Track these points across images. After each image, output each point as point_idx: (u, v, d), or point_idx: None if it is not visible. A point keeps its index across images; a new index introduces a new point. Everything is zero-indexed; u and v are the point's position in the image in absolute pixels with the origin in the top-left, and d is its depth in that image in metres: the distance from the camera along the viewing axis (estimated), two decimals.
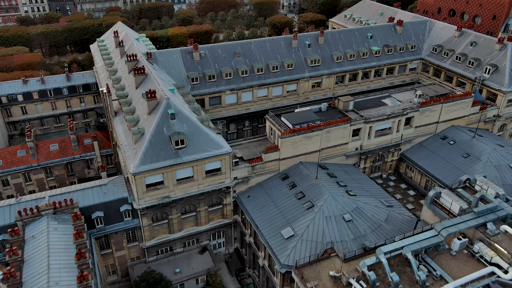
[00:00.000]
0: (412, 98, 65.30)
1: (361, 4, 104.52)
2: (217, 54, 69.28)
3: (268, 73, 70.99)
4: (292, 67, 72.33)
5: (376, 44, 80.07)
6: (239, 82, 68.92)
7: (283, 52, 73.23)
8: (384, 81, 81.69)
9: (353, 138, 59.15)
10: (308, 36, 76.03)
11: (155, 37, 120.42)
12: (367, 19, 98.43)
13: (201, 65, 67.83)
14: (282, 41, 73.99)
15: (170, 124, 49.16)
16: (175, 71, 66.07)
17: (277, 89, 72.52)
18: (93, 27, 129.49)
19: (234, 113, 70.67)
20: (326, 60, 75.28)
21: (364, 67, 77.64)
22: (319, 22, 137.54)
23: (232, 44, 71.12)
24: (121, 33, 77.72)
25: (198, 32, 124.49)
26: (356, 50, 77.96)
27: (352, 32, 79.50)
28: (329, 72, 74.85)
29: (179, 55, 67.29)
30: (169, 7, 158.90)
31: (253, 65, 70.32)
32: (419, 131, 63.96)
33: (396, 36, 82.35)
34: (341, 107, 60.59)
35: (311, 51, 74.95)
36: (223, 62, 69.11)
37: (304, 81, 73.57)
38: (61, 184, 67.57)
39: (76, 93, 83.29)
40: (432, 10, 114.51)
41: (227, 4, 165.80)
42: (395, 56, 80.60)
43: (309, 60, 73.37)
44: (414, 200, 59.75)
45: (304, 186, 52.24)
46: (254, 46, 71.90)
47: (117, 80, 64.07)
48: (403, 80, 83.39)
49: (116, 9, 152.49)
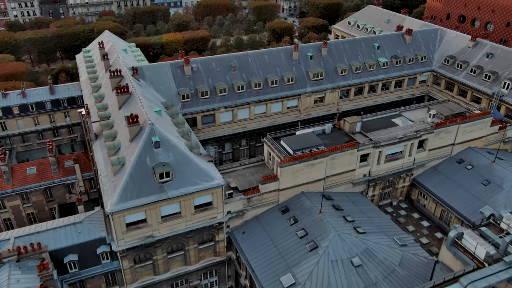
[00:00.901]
0: (425, 117, 59.28)
1: (366, 10, 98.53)
2: (210, 68, 63.29)
3: (266, 88, 65.02)
4: (292, 81, 66.35)
5: (383, 55, 74.06)
6: (234, 99, 62.94)
7: (283, 65, 67.25)
8: (392, 95, 75.69)
9: (361, 164, 53.15)
10: (310, 47, 70.04)
11: (148, 44, 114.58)
12: (373, 26, 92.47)
13: (193, 80, 61.86)
14: (282, 53, 68.01)
15: (154, 154, 43.15)
16: (164, 87, 60.10)
17: (276, 106, 66.53)
18: (84, 33, 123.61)
19: (229, 132, 64.69)
20: (330, 73, 69.29)
21: (370, 80, 71.64)
22: (320, 27, 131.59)
23: (227, 57, 65.12)
24: (107, 43, 71.74)
25: (193, 39, 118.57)
26: (362, 62, 71.95)
27: (358, 42, 73.49)
28: (333, 86, 68.86)
29: (169, 69, 61.32)
30: (164, 11, 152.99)
31: (250, 79, 64.35)
32: (433, 154, 57.94)
33: (405, 46, 76.35)
34: (347, 129, 54.59)
35: (313, 63, 68.96)
36: (217, 77, 63.14)
37: (306, 97, 67.59)
38: (39, 211, 61.68)
39: (60, 107, 77.47)
40: (440, 16, 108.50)
41: (225, 7, 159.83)
42: (404, 68, 74.60)
43: (311, 74, 67.38)
44: (429, 232, 53.72)
45: (306, 221, 46.23)
46: (251, 58, 65.92)
47: (99, 97, 58.14)
48: (413, 93, 77.39)
49: (109, 13, 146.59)
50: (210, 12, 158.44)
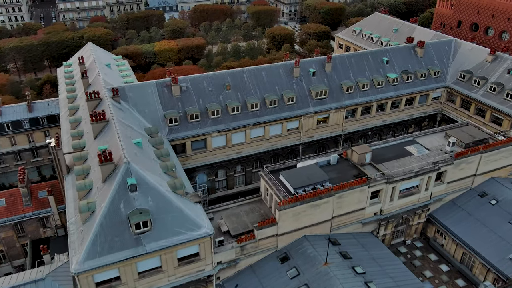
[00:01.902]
0: (442, 144, 52.64)
1: (372, 18, 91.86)
2: (201, 87, 56.65)
3: (264, 109, 58.37)
4: (293, 101, 59.72)
5: (393, 70, 67.39)
6: (228, 121, 56.30)
7: (283, 82, 60.60)
8: (403, 114, 69.01)
9: (372, 201, 46.50)
10: (312, 63, 63.36)
11: (140, 53, 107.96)
12: (379, 36, 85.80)
13: (182, 102, 55.22)
14: (281, 69, 61.35)
15: (129, 199, 36.49)
16: (149, 109, 53.46)
17: (275, 128, 59.89)
18: (72, 40, 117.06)
19: (222, 158, 58.06)
20: (334, 91, 62.65)
21: (379, 98, 64.98)
22: (322, 34, 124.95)
23: (220, 75, 58.44)
24: (89, 58, 65.09)
25: (188, 47, 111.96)
26: (370, 78, 65.31)
27: (365, 56, 66.80)
28: (337, 106, 62.22)
29: (154, 89, 54.68)
30: (159, 16, 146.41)
31: (246, 99, 57.71)
32: (451, 186, 51.30)
33: (417, 60, 69.68)
34: (356, 160, 47.91)
35: (316, 80, 62.30)
36: (209, 97, 56.50)
37: (308, 117, 60.94)
38: (9, 248, 55.11)
39: (39, 126, 70.98)
40: (450, 23, 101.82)
41: (222, 12, 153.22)
42: (415, 84, 67.93)
43: (314, 92, 60.73)
44: (449, 279, 47.07)
45: (310, 274, 39.61)
46: (247, 76, 59.27)
47: (75, 122, 51.54)
48: (424, 111, 70.71)
49: (101, 18, 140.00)
50: (207, 17, 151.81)
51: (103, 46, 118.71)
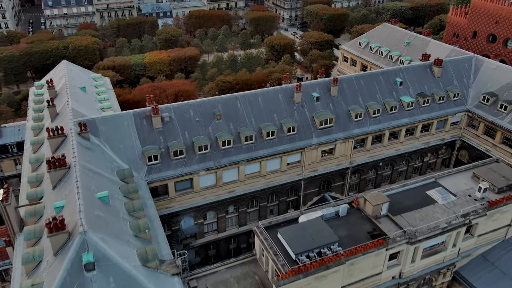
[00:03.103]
0: (470, 187, 44.54)
1: (381, 29, 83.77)
2: (187, 117, 48.60)
3: (260, 141, 50.35)
4: (294, 131, 51.71)
5: (407, 93, 59.36)
6: (218, 158, 48.28)
7: (282, 109, 52.57)
8: (418, 141, 60.96)
9: (390, 264, 38.44)
10: (316, 86, 55.32)
11: (128, 65, 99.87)
12: (389, 49, 77.68)
13: (164, 135, 47.17)
14: (280, 94, 53.32)
15: (85, 281, 28.40)
16: (125, 145, 45.40)
17: (273, 162, 51.90)
18: (57, 51, 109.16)
19: (212, 199, 50.04)
20: (341, 118, 54.64)
21: (392, 126, 56.95)
22: (325, 43, 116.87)
23: (209, 102, 50.36)
24: (61, 80, 57.06)
25: (180, 58, 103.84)
26: (382, 103, 57.29)
27: (376, 77, 58.77)
28: (345, 135, 54.21)
29: (131, 121, 46.64)
30: (152, 23, 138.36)
31: (239, 131, 49.68)
32: (483, 239, 43.28)
33: (434, 81, 61.64)
34: (370, 212, 39.85)
35: (321, 106, 54.29)
36: (196, 129, 48.46)
37: (311, 150, 52.92)
38: None
39: (8, 153, 63.21)
40: (465, 33, 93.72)
41: (219, 18, 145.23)
42: (433, 109, 59.90)
43: (318, 121, 52.73)
44: None
45: None
46: (241, 102, 51.25)
47: (37, 162, 43.50)
48: (442, 138, 62.65)
49: (90, 25, 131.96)
50: (202, 23, 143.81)
51: (91, 57, 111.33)
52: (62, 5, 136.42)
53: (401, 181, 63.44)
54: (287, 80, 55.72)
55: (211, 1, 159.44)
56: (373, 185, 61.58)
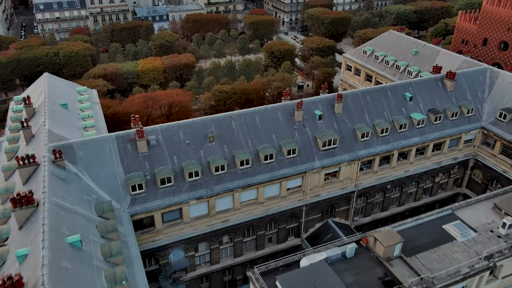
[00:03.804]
0: (491, 221, 39.80)
1: (386, 36, 79.00)
2: (176, 140, 43.90)
3: (258, 165, 45.65)
4: (295, 153, 47.03)
5: (417, 109, 54.67)
6: (211, 185, 43.60)
7: (281, 129, 47.86)
8: (429, 161, 56.30)
9: None
10: (318, 103, 50.60)
11: (120, 74, 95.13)
12: (395, 58, 72.97)
13: (150, 161, 42.45)
14: (280, 112, 48.62)
15: None
16: (106, 173, 40.69)
17: (271, 188, 47.23)
18: (47, 57, 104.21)
19: (204, 230, 45.35)
20: (346, 138, 49.95)
21: (401, 146, 52.29)
22: (327, 49, 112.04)
23: (201, 122, 45.61)
24: (40, 96, 52.35)
25: (175, 66, 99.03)
26: (390, 120, 52.62)
27: (383, 92, 54.07)
28: (351, 157, 49.52)
29: (114, 145, 41.93)
30: (147, 27, 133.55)
31: (234, 154, 44.98)
32: (507, 281, 38.52)
33: (446, 95, 56.97)
34: (381, 254, 35.13)
35: (324, 125, 49.59)
36: (187, 153, 43.76)
37: (314, 173, 48.22)
38: None
39: None
40: (474, 40, 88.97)
41: (217, 22, 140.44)
42: (445, 126, 55.22)
43: (321, 142, 48.04)
44: None
45: None
46: (236, 122, 46.54)
47: (6, 193, 38.72)
48: (455, 157, 57.98)
49: (83, 30, 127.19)
50: (200, 27, 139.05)
51: (82, 63, 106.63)
52: (54, 9, 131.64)
53: (409, 202, 58.95)
54: (287, 96, 50.95)
55: (209, 4, 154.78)
56: (380, 209, 56.94)
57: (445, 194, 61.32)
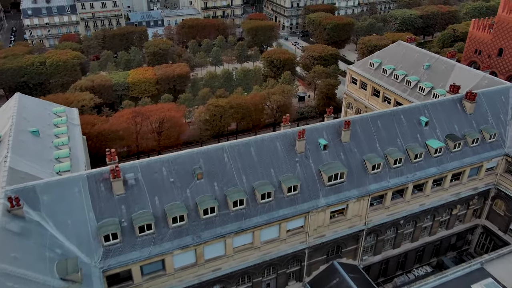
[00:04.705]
0: None
1: (395, 48, 72.83)
2: (158, 178, 37.79)
3: (253, 206, 39.57)
4: (296, 190, 40.97)
5: (434, 135, 48.56)
6: (198, 230, 37.52)
7: (281, 162, 41.76)
8: (446, 193, 50.23)
9: None
10: (322, 130, 44.48)
11: (109, 85, 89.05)
12: (405, 73, 66.89)
13: (127, 204, 36.36)
14: (279, 142, 42.50)
15: None
16: (74, 220, 34.60)
17: (270, 231, 41.15)
18: (32, 67, 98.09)
19: (191, 282, 39.25)
20: (355, 171, 43.86)
21: (417, 178, 46.18)
22: (329, 58, 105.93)
23: (187, 156, 39.47)
24: (8, 121, 46.24)
25: (168, 77, 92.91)
26: (404, 149, 46.52)
27: (396, 116, 47.94)
28: (360, 193, 43.42)
29: (84, 186, 35.81)
30: (141, 33, 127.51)
31: (226, 193, 38.89)
32: None
33: (465, 119, 50.87)
34: None
35: (329, 156, 43.49)
36: (170, 193, 37.66)
37: (318, 212, 42.12)
38: None
39: None
40: (488, 51, 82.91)
41: (214, 28, 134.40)
42: (465, 154, 49.11)
43: (326, 176, 41.94)
44: None
45: None
46: (228, 155, 40.44)
47: None
48: (475, 187, 51.95)
49: (73, 36, 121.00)
50: (196, 33, 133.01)
51: (70, 73, 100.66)
52: (43, 14, 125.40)
53: (424, 237, 52.80)
54: (287, 123, 44.83)
55: (206, 8, 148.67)
56: (391, 246, 50.88)
57: (463, 227, 55.30)
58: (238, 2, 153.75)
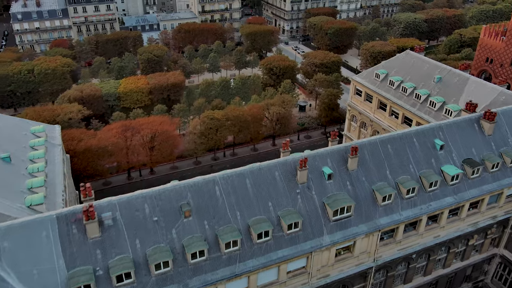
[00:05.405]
0: None
1: (403, 58, 68.05)
2: (140, 217, 33.05)
3: (249, 246, 34.86)
4: (297, 227, 36.27)
5: (450, 160, 43.83)
6: (185, 278, 32.79)
7: (280, 195, 37.04)
8: (463, 223, 45.52)
9: None
10: (326, 156, 39.74)
11: (99, 96, 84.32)
12: (414, 85, 62.22)
13: (103, 248, 31.62)
14: (278, 172, 37.77)
15: None
16: (41, 269, 29.88)
17: (267, 274, 36.41)
18: (19, 75, 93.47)
19: None
20: (363, 203, 39.15)
21: (432, 209, 41.44)
22: (332, 65, 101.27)
23: (173, 191, 34.69)
24: None
25: (162, 86, 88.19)
26: (417, 177, 41.82)
27: (408, 139, 43.20)
28: (369, 228, 38.71)
29: (53, 229, 31.06)
30: (136, 38, 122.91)
31: (217, 233, 34.15)
32: None
33: (484, 140, 46.15)
34: None
35: (334, 186, 38.77)
36: (154, 235, 32.93)
37: (322, 251, 37.39)
38: None
39: None
40: (500, 59, 78.18)
41: (211, 32, 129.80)
42: (484, 181, 44.40)
43: (331, 210, 37.21)
44: None
45: None
46: (221, 188, 35.71)
47: None
48: (494, 215, 47.25)
49: (64, 42, 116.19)
50: (193, 38, 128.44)
51: (60, 81, 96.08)
52: (33, 19, 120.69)
53: (437, 269, 48.18)
54: (287, 148, 40.11)
55: (203, 12, 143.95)
56: (402, 281, 46.16)
57: (480, 257, 50.61)
58: (236, 5, 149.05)
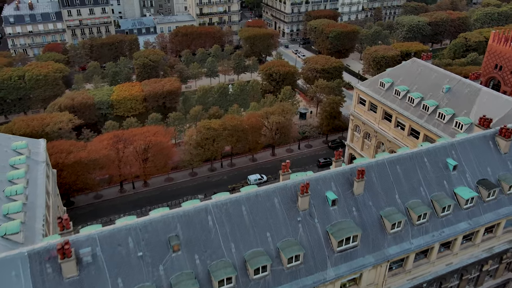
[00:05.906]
0: None
1: (409, 66, 64.67)
2: (123, 253, 29.64)
3: (245, 283, 31.50)
4: (298, 260, 32.84)
5: (463, 181, 40.43)
6: None
7: (279, 224, 33.65)
8: (478, 249, 42.11)
9: None
10: (331, 180, 36.32)
11: (91, 104, 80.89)
12: (421, 95, 58.96)
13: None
14: (277, 198, 34.35)
15: None
16: None
17: None
18: (10, 81, 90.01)
19: None
20: (370, 231, 35.75)
21: (444, 237, 38.04)
22: (333, 71, 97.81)
23: (160, 221, 31.26)
24: None
25: (157, 94, 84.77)
26: (428, 201, 38.42)
27: (418, 159, 39.81)
28: (376, 259, 35.30)
29: (24, 268, 27.67)
30: (132, 41, 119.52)
31: (210, 268, 30.75)
32: None
33: (499, 159, 42.75)
34: None
35: (339, 213, 35.38)
36: (138, 272, 29.52)
37: (326, 286, 33.97)
38: None
39: None
40: (510, 66, 74.79)
41: (209, 36, 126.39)
42: (500, 203, 41.03)
43: (336, 240, 33.80)
44: None
45: None
46: (214, 217, 32.29)
47: None
48: (510, 239, 43.74)
49: (57, 46, 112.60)
50: (190, 41, 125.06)
51: (52, 87, 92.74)
52: (26, 22, 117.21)
53: None
54: (287, 170, 36.72)
55: (201, 15, 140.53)
56: None
57: (494, 283, 47.21)
58: (235, 8, 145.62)
